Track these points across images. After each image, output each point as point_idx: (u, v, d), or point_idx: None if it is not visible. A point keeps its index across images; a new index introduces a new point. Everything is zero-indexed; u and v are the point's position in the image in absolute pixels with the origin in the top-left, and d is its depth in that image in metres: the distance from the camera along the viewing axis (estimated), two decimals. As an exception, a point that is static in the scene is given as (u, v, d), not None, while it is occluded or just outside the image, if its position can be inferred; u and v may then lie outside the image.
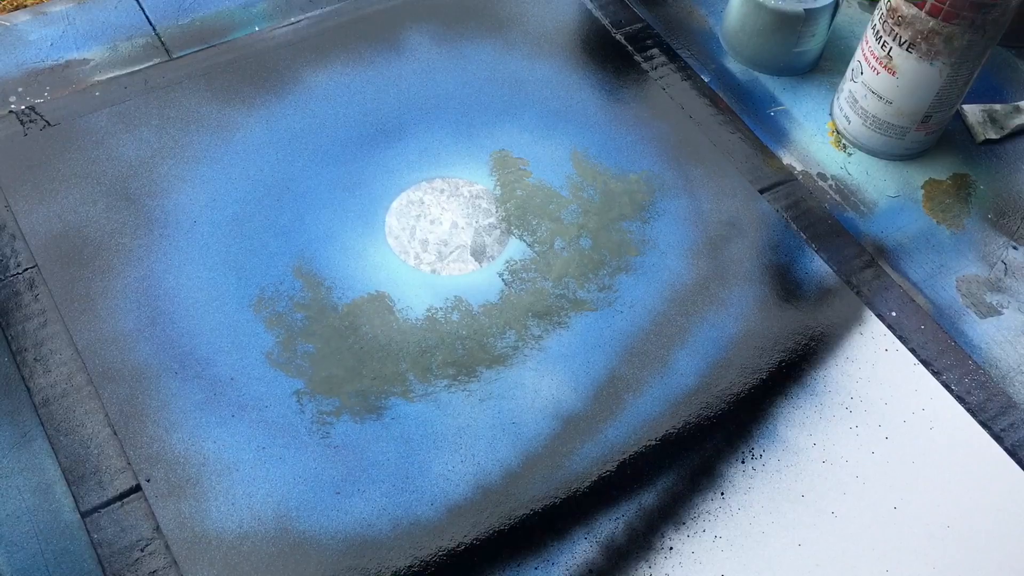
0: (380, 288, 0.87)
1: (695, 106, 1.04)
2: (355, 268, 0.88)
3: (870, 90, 0.97)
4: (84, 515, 0.73)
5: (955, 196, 0.99)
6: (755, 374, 0.84)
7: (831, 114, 1.05)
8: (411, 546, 0.73)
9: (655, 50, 1.09)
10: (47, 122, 0.96)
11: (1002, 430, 0.83)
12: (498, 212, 0.93)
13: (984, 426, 0.82)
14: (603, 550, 0.74)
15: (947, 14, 0.87)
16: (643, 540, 0.75)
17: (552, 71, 1.05)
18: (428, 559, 0.73)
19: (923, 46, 0.90)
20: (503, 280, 0.89)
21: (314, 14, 1.08)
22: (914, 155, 1.02)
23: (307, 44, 1.05)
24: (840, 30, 1.13)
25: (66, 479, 0.75)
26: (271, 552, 0.72)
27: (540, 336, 0.85)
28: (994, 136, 1.04)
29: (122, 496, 0.75)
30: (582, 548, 0.74)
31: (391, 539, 0.74)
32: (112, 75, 1.01)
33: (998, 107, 1.06)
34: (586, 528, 0.75)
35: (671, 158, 0.99)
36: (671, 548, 0.75)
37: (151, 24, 1.06)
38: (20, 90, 0.99)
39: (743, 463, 0.79)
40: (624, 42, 1.09)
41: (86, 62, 1.02)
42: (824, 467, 0.79)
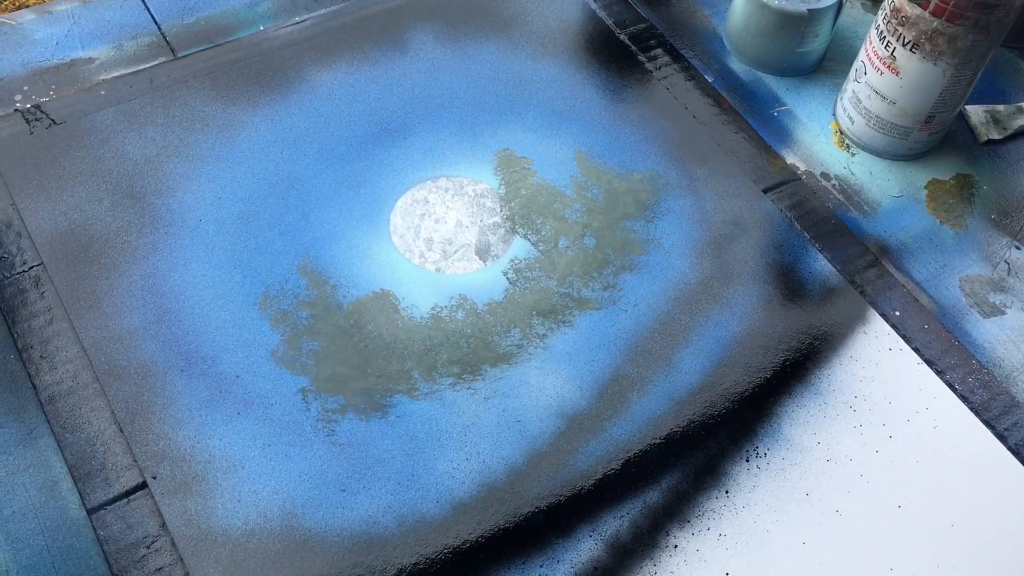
0: (385, 286, 0.87)
1: (699, 106, 1.04)
2: (360, 266, 0.88)
3: (874, 90, 0.97)
4: (90, 512, 0.74)
5: (958, 196, 0.99)
6: (759, 373, 0.84)
7: (834, 114, 1.05)
8: (417, 543, 0.74)
9: (659, 50, 1.09)
10: (53, 120, 0.96)
11: (1005, 429, 0.83)
12: (502, 211, 0.93)
13: (988, 425, 0.83)
14: (608, 548, 0.74)
15: (951, 14, 0.87)
16: (648, 538, 0.75)
17: (556, 71, 1.06)
18: (434, 556, 0.73)
19: (927, 46, 0.90)
20: (508, 279, 0.89)
21: (319, 13, 1.08)
22: (917, 155, 1.02)
23: (312, 43, 1.05)
24: (843, 31, 1.13)
25: (72, 476, 0.75)
26: (277, 549, 0.73)
27: (544, 335, 0.85)
28: (997, 137, 1.04)
29: (128, 493, 0.75)
30: (587, 546, 0.74)
31: (397, 536, 0.74)
32: (117, 74, 1.01)
33: (1001, 108, 1.06)
34: (591, 526, 0.75)
35: (675, 158, 0.99)
36: (676, 546, 0.75)
37: (156, 23, 1.06)
38: (26, 89, 0.99)
39: (748, 461, 0.79)
40: (628, 42, 1.09)
41: (91, 61, 1.02)
42: (828, 465, 0.79)
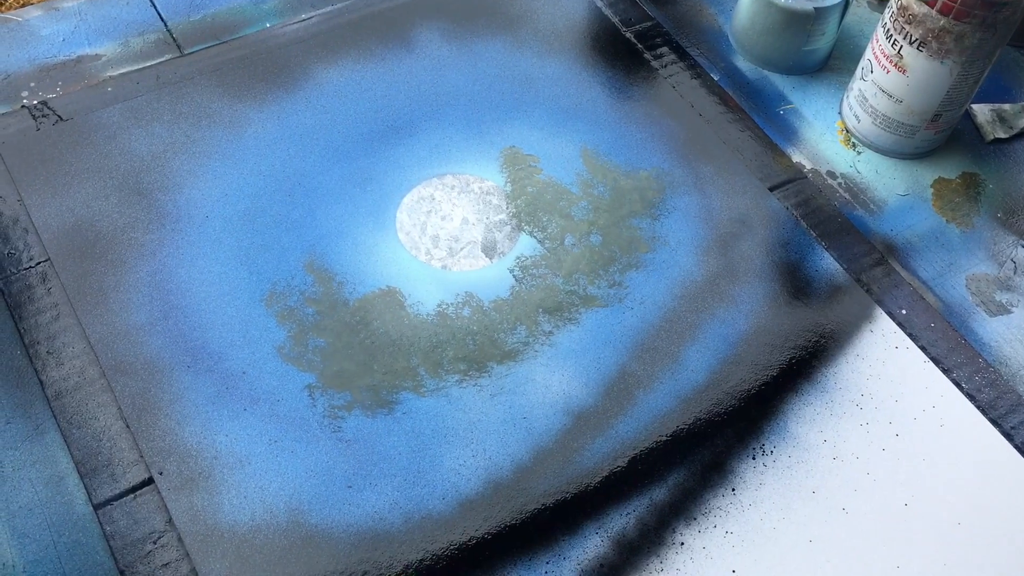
0: (391, 283, 0.87)
1: (705, 104, 1.04)
2: (366, 263, 0.89)
3: (880, 88, 0.97)
4: (97, 507, 0.74)
5: (964, 195, 0.99)
6: (765, 370, 0.84)
7: (840, 113, 1.05)
8: (423, 540, 0.74)
9: (665, 48, 1.09)
10: (59, 117, 0.96)
11: (1012, 428, 0.83)
12: (509, 208, 0.94)
13: (994, 424, 0.83)
14: (614, 545, 0.74)
15: (958, 12, 0.87)
16: (654, 535, 0.75)
17: (562, 69, 1.06)
18: (440, 553, 0.73)
19: (934, 44, 0.90)
20: (514, 276, 0.89)
21: (325, 11, 1.08)
22: (923, 154, 1.02)
23: (318, 40, 1.05)
24: (849, 29, 1.13)
25: (79, 471, 0.75)
26: (283, 545, 0.73)
27: (551, 332, 0.85)
28: (1003, 135, 1.04)
29: (135, 489, 0.75)
30: (593, 543, 0.74)
31: (403, 533, 0.74)
32: (124, 71, 1.01)
33: (1007, 107, 1.06)
34: (597, 523, 0.75)
35: (681, 155, 0.99)
36: (682, 543, 0.75)
37: (163, 20, 1.06)
38: (32, 85, 0.99)
39: (754, 459, 0.79)
40: (634, 40, 1.09)
41: (98, 58, 1.02)
42: (835, 463, 0.79)
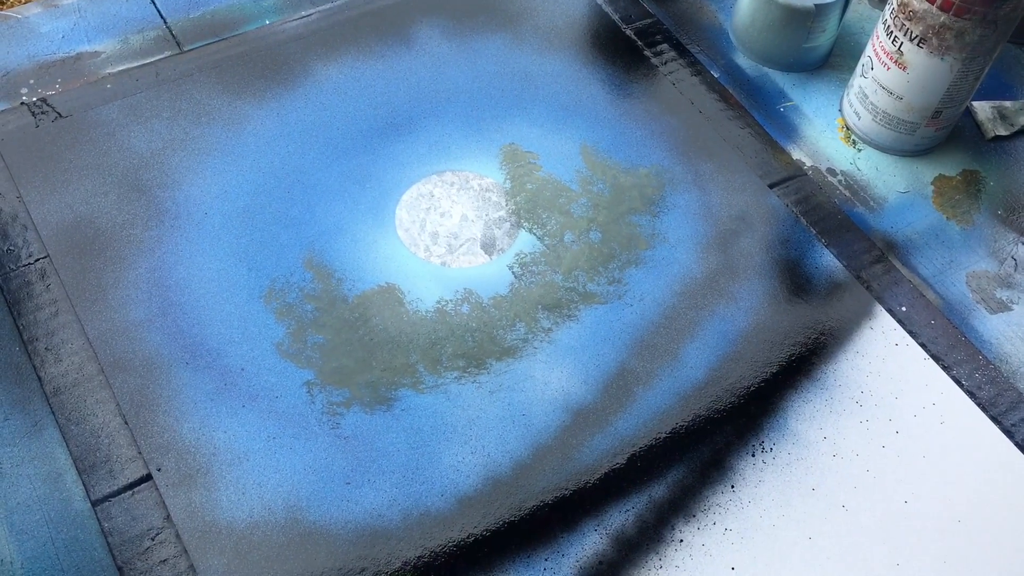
0: (390, 280, 0.87)
1: (705, 101, 1.04)
2: (365, 260, 0.88)
3: (880, 85, 0.97)
4: (95, 504, 0.74)
5: (965, 192, 0.99)
6: (765, 368, 0.84)
7: (841, 110, 1.05)
8: (421, 537, 0.73)
9: (665, 45, 1.09)
10: (59, 114, 0.96)
11: (1012, 425, 0.82)
12: (508, 205, 0.93)
13: (995, 421, 0.82)
14: (613, 542, 0.74)
15: (959, 9, 0.86)
16: (653, 532, 0.75)
17: (562, 66, 1.05)
18: (438, 550, 0.73)
19: (934, 41, 0.90)
20: (513, 273, 0.89)
21: (324, 8, 1.08)
22: (924, 151, 1.02)
23: (317, 38, 1.05)
24: (850, 26, 1.13)
25: (77, 468, 0.75)
26: (281, 541, 0.72)
27: (550, 329, 0.85)
28: (1004, 133, 1.04)
29: (133, 485, 0.75)
30: (592, 540, 0.74)
31: (401, 530, 0.74)
32: (123, 68, 1.01)
33: (1008, 104, 1.06)
34: (596, 520, 0.75)
35: (681, 153, 0.99)
36: (681, 540, 0.74)
37: (162, 17, 1.06)
38: (32, 82, 0.99)
39: (753, 456, 0.79)
40: (634, 37, 1.09)
41: (97, 55, 1.02)
42: (834, 461, 0.79)
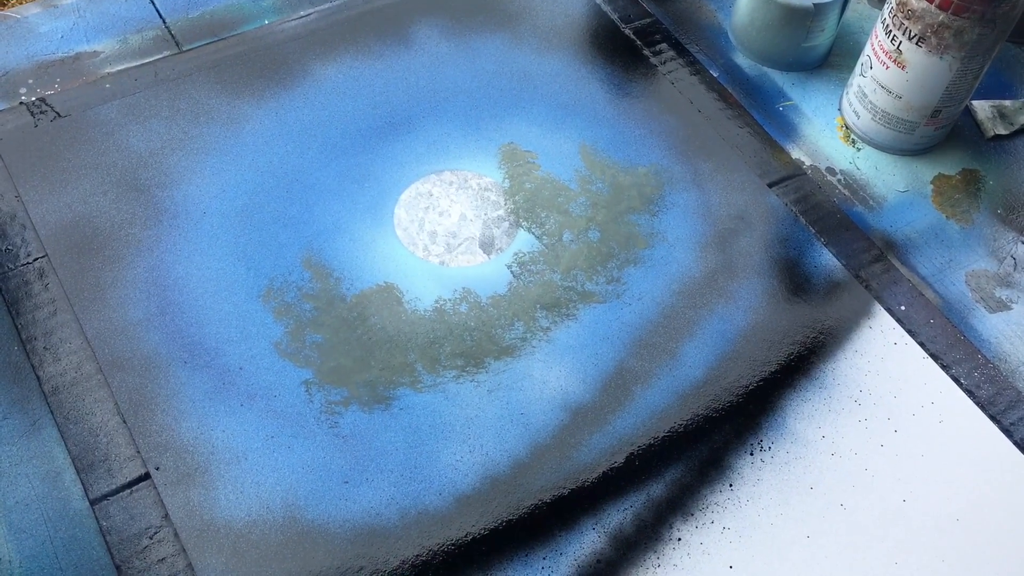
0: (389, 279, 0.87)
1: (704, 101, 1.04)
2: (364, 259, 0.88)
3: (879, 85, 0.97)
4: (93, 503, 0.74)
5: (964, 191, 0.99)
6: (764, 367, 0.84)
7: (840, 109, 1.05)
8: (419, 535, 0.73)
9: (664, 45, 1.09)
10: (57, 113, 0.96)
11: (1011, 424, 0.82)
12: (507, 204, 0.93)
13: (993, 420, 0.82)
14: (611, 540, 0.74)
15: (957, 8, 0.86)
16: (651, 531, 0.75)
17: (561, 65, 1.05)
18: (436, 549, 0.73)
19: (933, 40, 0.90)
20: (511, 272, 0.89)
21: (323, 8, 1.08)
22: (923, 150, 1.01)
23: (316, 37, 1.05)
24: (849, 26, 1.13)
25: (75, 467, 0.75)
26: (279, 540, 0.72)
27: (548, 328, 0.85)
28: (1003, 132, 1.04)
29: (131, 484, 0.75)
30: (590, 538, 0.74)
31: (399, 528, 0.74)
32: (122, 67, 1.01)
33: (1007, 103, 1.06)
34: (594, 519, 0.75)
35: (680, 152, 0.99)
36: (679, 539, 0.74)
37: (161, 17, 1.06)
38: (31, 82, 0.99)
39: (752, 455, 0.79)
40: (633, 37, 1.09)
41: (96, 54, 1.02)
42: (833, 459, 0.79)
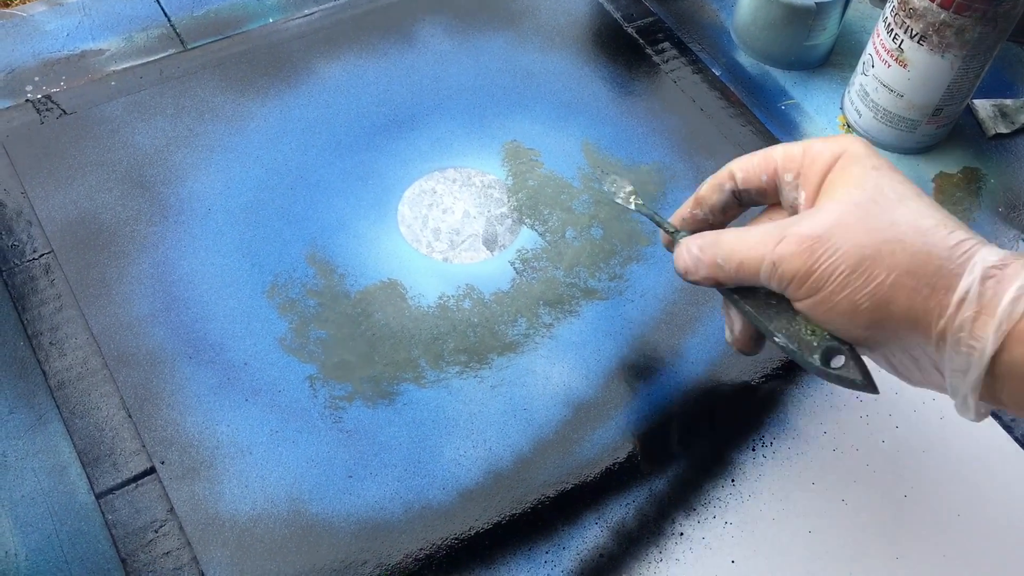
0: (392, 276, 0.88)
1: (706, 99, 1.04)
2: (367, 256, 0.89)
3: (881, 83, 0.97)
4: (99, 496, 0.74)
5: (965, 189, 0.99)
6: (765, 363, 0.84)
7: (842, 107, 1.05)
8: (423, 529, 0.74)
9: (666, 44, 1.09)
10: (63, 111, 0.97)
11: (1012, 420, 0.83)
12: (510, 202, 0.94)
13: (994, 415, 0.83)
14: (614, 535, 0.74)
15: (959, 6, 0.87)
16: (654, 526, 0.75)
17: (564, 64, 1.06)
18: (440, 542, 0.73)
19: (934, 38, 0.90)
20: (514, 269, 0.89)
21: (327, 6, 1.09)
22: (925, 148, 1.02)
23: (320, 35, 1.06)
24: (851, 25, 1.13)
25: (81, 461, 0.76)
26: (284, 534, 0.73)
27: (551, 324, 0.86)
28: (1004, 131, 1.04)
29: (136, 478, 0.75)
30: (593, 533, 0.74)
31: (403, 522, 0.74)
32: (127, 65, 1.02)
33: (1009, 102, 1.06)
34: (597, 513, 0.75)
35: (682, 150, 0.99)
36: (681, 534, 0.75)
37: (166, 15, 1.07)
38: (37, 79, 1.00)
39: (754, 451, 0.79)
40: (635, 36, 1.10)
41: (101, 52, 1.03)
42: (835, 455, 0.79)
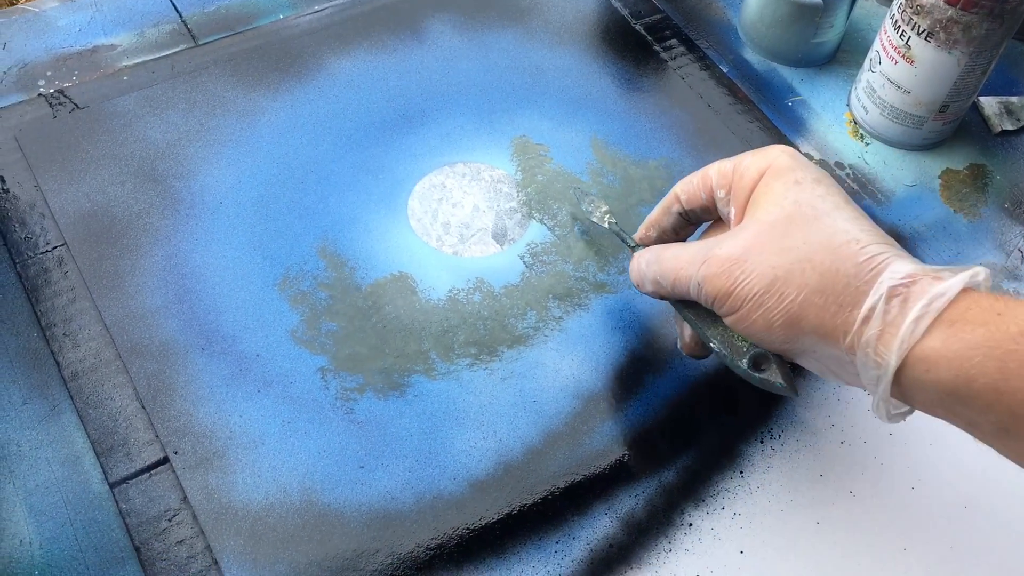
0: (403, 269, 0.88)
1: (714, 95, 1.05)
2: (378, 249, 0.89)
3: (888, 80, 0.98)
4: (113, 486, 0.75)
5: (972, 186, 1.00)
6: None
7: (849, 104, 1.06)
8: (434, 519, 0.74)
9: (674, 40, 1.10)
10: (76, 105, 0.97)
11: (1019, 414, 0.83)
12: (519, 196, 0.94)
13: (1001, 409, 0.83)
14: (623, 525, 0.75)
15: (966, 3, 0.87)
16: (663, 516, 0.76)
17: (572, 60, 1.07)
18: (451, 532, 0.74)
19: (941, 35, 0.91)
20: (524, 262, 0.90)
21: (338, 2, 1.10)
22: (931, 145, 1.02)
23: (331, 32, 1.06)
24: (857, 22, 1.14)
25: (95, 451, 0.76)
26: (296, 523, 0.73)
27: (561, 317, 0.86)
28: (1010, 127, 1.05)
29: (150, 468, 0.76)
30: (603, 523, 0.75)
31: (414, 512, 0.75)
32: (139, 60, 1.03)
33: (1014, 99, 1.07)
34: (607, 504, 0.76)
35: (690, 146, 1.00)
36: (691, 524, 0.75)
37: (177, 11, 1.07)
38: (49, 74, 1.00)
39: (762, 443, 0.80)
40: (643, 32, 1.10)
41: (114, 47, 1.04)
42: (842, 447, 0.80)
